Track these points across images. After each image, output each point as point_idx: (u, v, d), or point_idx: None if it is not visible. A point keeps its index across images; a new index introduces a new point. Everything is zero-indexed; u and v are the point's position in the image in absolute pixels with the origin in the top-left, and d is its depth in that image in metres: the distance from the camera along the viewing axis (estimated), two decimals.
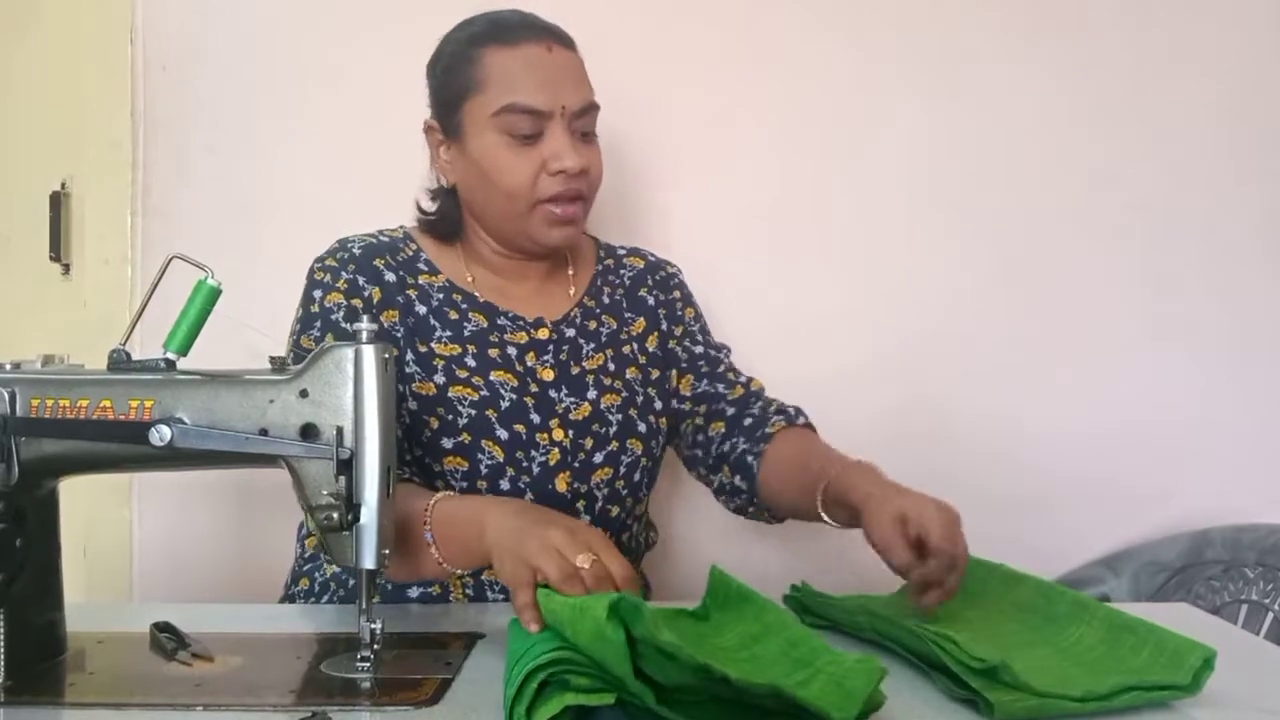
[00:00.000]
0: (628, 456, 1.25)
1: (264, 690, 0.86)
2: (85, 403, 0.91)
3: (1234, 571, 1.55)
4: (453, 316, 1.24)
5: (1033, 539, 1.67)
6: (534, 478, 1.20)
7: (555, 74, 1.19)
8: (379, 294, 1.22)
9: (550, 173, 1.18)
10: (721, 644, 0.91)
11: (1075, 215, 1.71)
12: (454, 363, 1.21)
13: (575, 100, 1.20)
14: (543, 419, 1.22)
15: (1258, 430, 1.72)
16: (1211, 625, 1.14)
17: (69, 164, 1.72)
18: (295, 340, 1.20)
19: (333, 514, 0.88)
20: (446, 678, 0.89)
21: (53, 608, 0.96)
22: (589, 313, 1.32)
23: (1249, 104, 1.71)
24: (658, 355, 1.35)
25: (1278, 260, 1.72)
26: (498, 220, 1.24)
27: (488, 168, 1.20)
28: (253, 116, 1.67)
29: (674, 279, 1.42)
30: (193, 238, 1.65)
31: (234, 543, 1.67)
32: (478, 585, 1.20)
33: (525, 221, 1.21)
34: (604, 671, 0.77)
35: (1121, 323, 1.72)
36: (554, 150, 1.18)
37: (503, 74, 1.18)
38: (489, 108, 1.18)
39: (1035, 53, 1.70)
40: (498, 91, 1.18)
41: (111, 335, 0.95)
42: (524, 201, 1.20)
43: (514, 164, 1.18)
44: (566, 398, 1.24)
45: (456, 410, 1.19)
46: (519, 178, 1.19)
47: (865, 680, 0.77)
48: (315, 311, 1.20)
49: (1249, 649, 1.06)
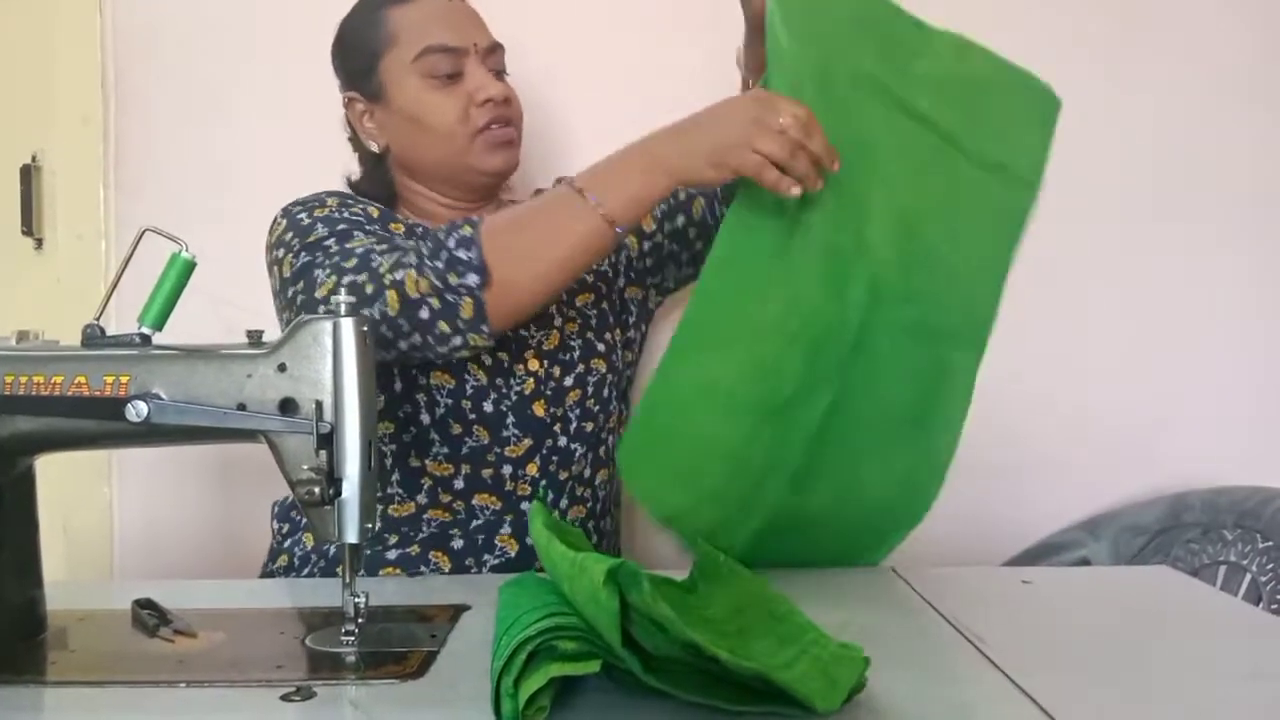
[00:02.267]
0: (593, 376, 1.28)
1: (248, 666, 0.86)
2: (60, 379, 0.89)
3: (1212, 534, 1.57)
4: None
5: (1012, 504, 1.69)
6: (513, 403, 1.23)
7: (460, 16, 1.28)
8: (377, 212, 1.24)
9: (478, 103, 1.23)
10: (709, 615, 0.92)
11: (1051, 185, 1.71)
12: None
13: (483, 38, 1.27)
14: (518, 349, 1.24)
15: (1235, 393, 1.73)
16: (1191, 587, 1.15)
17: (39, 137, 1.70)
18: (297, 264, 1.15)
19: (314, 489, 0.87)
20: (432, 650, 0.88)
21: (32, 586, 0.95)
22: None
23: (1235, 80, 1.71)
24: (604, 272, 1.35)
25: (1248, 223, 1.72)
26: (437, 162, 1.27)
27: (417, 113, 1.24)
28: (225, 87, 1.65)
29: None
30: (166, 210, 1.63)
31: (215, 518, 1.66)
32: (456, 556, 1.21)
33: (465, 155, 1.25)
34: (594, 633, 0.77)
35: (1100, 289, 1.72)
36: (477, 84, 1.24)
37: (412, 24, 1.24)
38: (406, 57, 1.24)
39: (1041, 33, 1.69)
40: (411, 40, 1.24)
41: (86, 310, 0.94)
42: (460, 136, 1.24)
43: (442, 103, 1.23)
44: (537, 332, 1.26)
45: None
46: (449, 115, 1.23)
47: (850, 670, 0.77)
48: (311, 220, 1.18)
49: (1228, 610, 1.07)
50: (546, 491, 1.24)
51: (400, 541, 1.21)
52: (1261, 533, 1.51)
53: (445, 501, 1.22)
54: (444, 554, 1.21)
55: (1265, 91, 1.72)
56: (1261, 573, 1.48)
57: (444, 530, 1.22)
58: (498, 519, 1.22)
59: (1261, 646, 0.91)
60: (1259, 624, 1.01)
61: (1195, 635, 0.89)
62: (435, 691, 0.81)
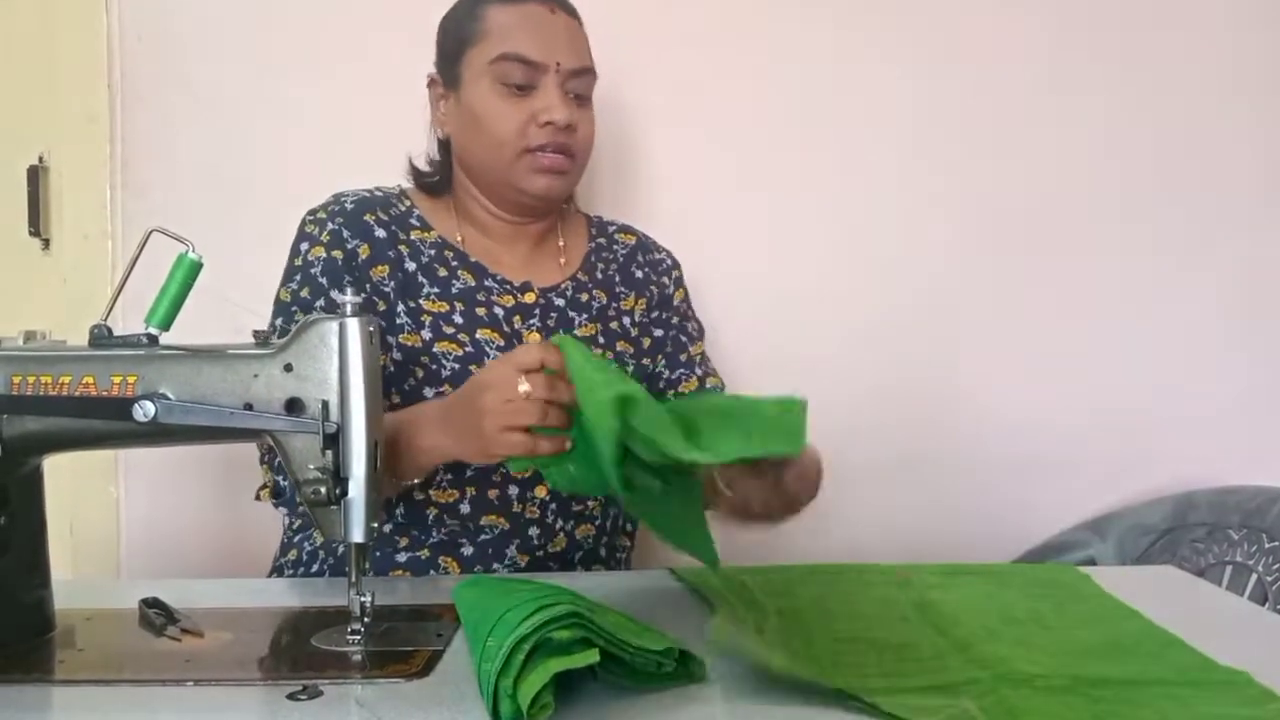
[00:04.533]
0: None
1: (254, 665, 0.86)
2: (67, 379, 0.90)
3: (1218, 534, 1.57)
4: (441, 274, 1.25)
5: (1019, 504, 1.69)
6: None
7: (554, 32, 1.23)
8: (367, 250, 1.23)
9: (539, 124, 1.21)
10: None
11: (1054, 187, 1.71)
12: (441, 319, 1.22)
13: (571, 59, 1.23)
14: None
15: (1241, 393, 1.73)
16: (1197, 587, 1.15)
17: (46, 137, 1.70)
18: (277, 293, 1.22)
19: (320, 488, 0.87)
20: (437, 649, 0.88)
21: (40, 585, 0.95)
22: (581, 286, 1.32)
23: (1235, 75, 1.71)
24: (651, 330, 1.36)
25: (1260, 228, 1.72)
26: (485, 168, 1.26)
27: (479, 113, 1.23)
28: (232, 86, 1.65)
29: (663, 264, 1.42)
30: (173, 211, 1.63)
31: (221, 518, 1.67)
32: (466, 561, 1.21)
33: (511, 170, 1.23)
34: (585, 616, 0.78)
35: (1108, 289, 1.72)
36: (545, 103, 1.21)
37: (503, 26, 1.22)
38: (486, 56, 1.22)
39: (1027, 28, 1.69)
40: (496, 41, 1.22)
41: (93, 311, 0.94)
42: (510, 149, 1.22)
43: (505, 111, 1.22)
44: None
45: (441, 363, 1.20)
46: (508, 125, 1.21)
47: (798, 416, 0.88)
48: (298, 265, 1.22)
49: (1233, 610, 1.07)
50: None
51: (410, 545, 1.21)
52: (1267, 532, 1.51)
53: (451, 523, 1.21)
54: (454, 560, 1.21)
55: (1260, 86, 1.71)
56: (1268, 572, 1.48)
57: (453, 539, 1.21)
58: (505, 538, 1.21)
59: (1267, 646, 0.91)
60: (1265, 624, 1.01)
61: (1201, 635, 0.88)
62: (440, 691, 0.81)
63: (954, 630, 0.93)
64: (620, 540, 1.33)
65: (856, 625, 0.95)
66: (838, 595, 1.05)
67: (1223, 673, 0.82)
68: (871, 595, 1.05)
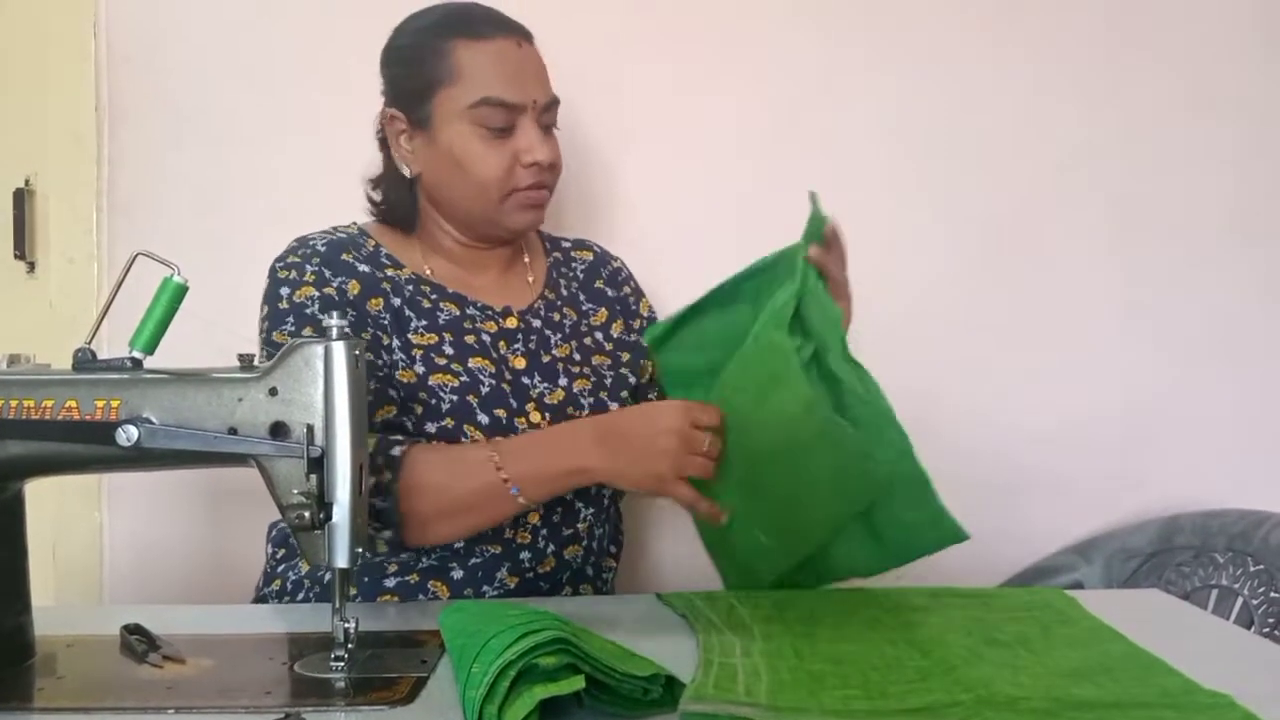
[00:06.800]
0: None
1: (237, 692, 0.86)
2: (50, 403, 0.89)
3: (1204, 557, 1.57)
4: (426, 306, 1.25)
5: (1005, 527, 1.68)
6: None
7: (526, 69, 1.24)
8: (357, 286, 1.22)
9: (524, 165, 1.23)
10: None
11: (1046, 207, 1.72)
12: (432, 351, 1.22)
13: (543, 94, 1.25)
14: (519, 404, 1.23)
15: (1227, 417, 1.73)
16: (1183, 610, 1.15)
17: (33, 160, 1.69)
18: (266, 337, 1.19)
19: (304, 513, 0.87)
20: (422, 676, 0.88)
21: (20, 611, 0.94)
22: (551, 305, 1.33)
23: (1222, 93, 1.71)
24: (625, 340, 1.37)
25: (1247, 249, 1.73)
26: (466, 209, 1.26)
27: (460, 158, 1.22)
28: (219, 109, 1.65)
29: (621, 273, 1.44)
30: (159, 234, 1.62)
31: (205, 543, 1.66)
32: (455, 585, 1.20)
33: (496, 210, 1.25)
34: (571, 642, 0.78)
35: (1093, 311, 1.72)
36: (527, 144, 1.22)
37: (476, 68, 1.22)
38: (463, 101, 1.21)
39: (1012, 39, 1.70)
40: (472, 85, 1.21)
41: (78, 334, 0.93)
42: (496, 191, 1.23)
43: (487, 156, 1.22)
44: (540, 384, 1.26)
45: (439, 396, 1.19)
46: (493, 170, 1.22)
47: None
48: (285, 307, 1.19)
49: (1219, 634, 1.07)
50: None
51: (400, 569, 1.20)
52: (1253, 556, 1.51)
53: (441, 551, 1.20)
54: (443, 583, 1.20)
55: (1261, 98, 1.73)
56: (1253, 596, 1.48)
57: (443, 563, 1.21)
58: (496, 562, 1.21)
59: (1252, 669, 0.91)
60: (1250, 647, 1.01)
61: (1186, 658, 0.88)
62: (424, 717, 0.80)
63: (938, 652, 0.93)
64: (606, 561, 1.33)
65: (842, 648, 0.95)
66: (824, 618, 1.05)
67: (1205, 695, 0.82)
68: (858, 618, 1.05)
